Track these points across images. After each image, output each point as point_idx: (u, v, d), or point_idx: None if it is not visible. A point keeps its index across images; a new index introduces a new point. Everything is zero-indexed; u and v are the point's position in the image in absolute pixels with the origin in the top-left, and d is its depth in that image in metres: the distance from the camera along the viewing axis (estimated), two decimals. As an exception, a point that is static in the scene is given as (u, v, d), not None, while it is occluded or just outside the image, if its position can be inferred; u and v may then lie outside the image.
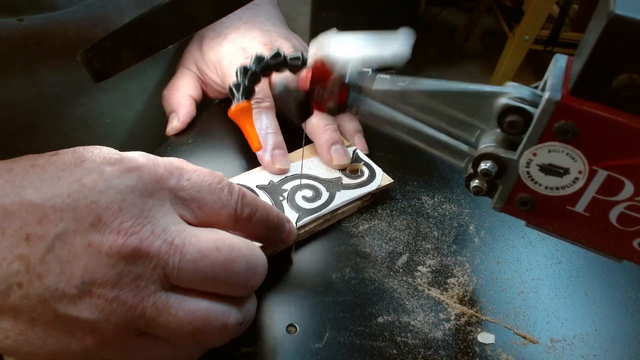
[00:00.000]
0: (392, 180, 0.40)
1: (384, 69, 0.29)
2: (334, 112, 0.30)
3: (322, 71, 0.29)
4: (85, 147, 0.25)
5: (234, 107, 0.42)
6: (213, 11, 0.24)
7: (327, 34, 0.30)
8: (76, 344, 0.23)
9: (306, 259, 0.36)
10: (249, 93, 0.43)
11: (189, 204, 0.26)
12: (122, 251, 0.22)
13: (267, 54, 0.45)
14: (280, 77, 0.31)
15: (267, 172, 0.40)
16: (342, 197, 0.38)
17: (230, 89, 0.43)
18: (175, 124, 0.46)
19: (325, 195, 0.38)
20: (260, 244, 0.33)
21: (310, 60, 0.29)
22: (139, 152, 0.26)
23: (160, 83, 0.51)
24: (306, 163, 0.42)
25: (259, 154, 0.41)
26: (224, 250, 0.25)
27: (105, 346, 0.23)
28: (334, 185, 0.39)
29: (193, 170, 0.27)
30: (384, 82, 0.28)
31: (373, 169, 0.41)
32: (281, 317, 0.31)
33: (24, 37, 0.36)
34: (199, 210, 0.26)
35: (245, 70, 0.43)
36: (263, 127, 0.42)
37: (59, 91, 0.41)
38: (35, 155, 0.25)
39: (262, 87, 0.44)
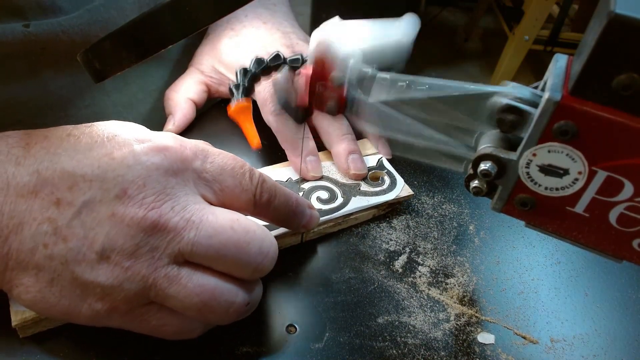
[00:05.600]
0: (411, 192, 0.40)
1: (384, 69, 0.29)
2: (334, 111, 0.30)
3: (323, 69, 0.29)
4: (119, 122, 0.27)
5: (233, 105, 0.42)
6: (213, 11, 0.24)
7: (331, 21, 0.30)
8: (87, 308, 0.25)
9: (306, 259, 0.36)
10: (248, 92, 0.43)
11: (211, 184, 0.28)
12: (142, 223, 0.24)
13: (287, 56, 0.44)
14: (281, 78, 0.31)
15: (287, 169, 0.41)
16: (357, 202, 0.38)
17: (230, 89, 0.43)
18: (170, 127, 0.45)
19: (340, 199, 0.38)
20: (283, 230, 0.34)
21: (311, 56, 0.29)
22: (168, 133, 0.28)
23: (164, 86, 0.50)
24: (329, 166, 0.41)
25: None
26: (239, 231, 0.26)
27: (113, 312, 0.25)
28: (351, 190, 0.39)
29: (217, 154, 0.28)
30: (381, 88, 0.28)
31: (395, 178, 0.41)
32: (281, 317, 0.31)
33: (30, 43, 0.37)
34: (220, 192, 0.28)
35: (245, 71, 0.44)
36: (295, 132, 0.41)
37: (64, 93, 0.41)
38: (72, 126, 0.26)
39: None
